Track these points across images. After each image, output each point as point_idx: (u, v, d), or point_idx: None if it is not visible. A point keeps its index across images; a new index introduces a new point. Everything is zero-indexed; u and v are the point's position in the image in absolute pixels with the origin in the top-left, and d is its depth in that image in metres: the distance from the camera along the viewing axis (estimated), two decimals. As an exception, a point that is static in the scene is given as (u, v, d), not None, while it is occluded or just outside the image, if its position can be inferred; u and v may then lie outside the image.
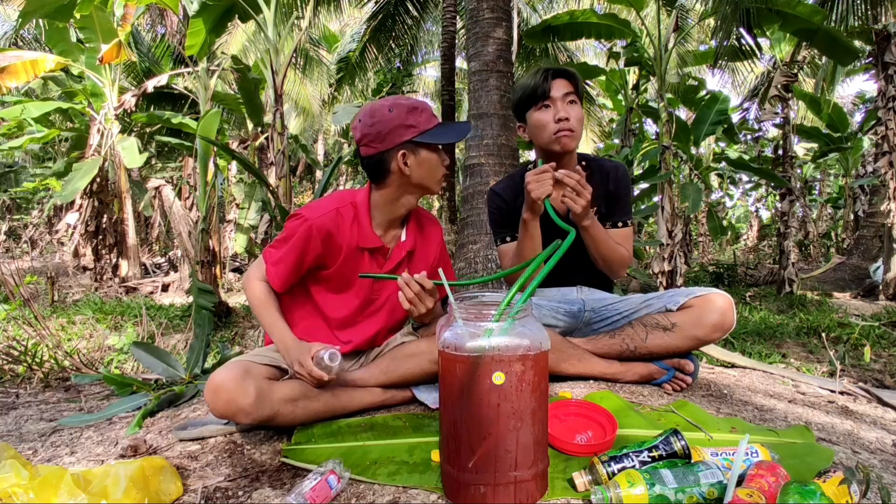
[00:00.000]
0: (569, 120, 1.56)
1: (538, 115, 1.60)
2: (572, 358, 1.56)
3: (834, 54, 5.20)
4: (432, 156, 1.38)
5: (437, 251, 1.57)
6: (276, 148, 5.35)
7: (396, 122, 1.33)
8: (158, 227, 10.32)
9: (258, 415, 1.20)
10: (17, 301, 3.05)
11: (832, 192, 14.78)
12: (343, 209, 1.40)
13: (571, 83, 1.60)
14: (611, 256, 1.60)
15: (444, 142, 1.38)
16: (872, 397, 1.75)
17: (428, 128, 1.35)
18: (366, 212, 1.42)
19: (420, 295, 1.24)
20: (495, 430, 0.90)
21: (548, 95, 1.58)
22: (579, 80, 1.63)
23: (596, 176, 1.70)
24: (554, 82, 1.59)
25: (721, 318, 1.49)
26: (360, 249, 1.41)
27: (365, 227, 1.40)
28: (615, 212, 1.72)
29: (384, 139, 1.33)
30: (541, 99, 1.59)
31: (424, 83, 15.53)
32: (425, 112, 1.35)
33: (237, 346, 4.61)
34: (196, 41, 5.46)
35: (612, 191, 1.70)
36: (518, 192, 1.71)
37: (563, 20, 5.76)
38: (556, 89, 1.59)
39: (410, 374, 1.43)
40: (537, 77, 1.61)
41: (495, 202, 1.77)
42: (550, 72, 1.61)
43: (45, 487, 0.88)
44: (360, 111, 1.39)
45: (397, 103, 1.35)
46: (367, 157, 1.37)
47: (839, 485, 0.87)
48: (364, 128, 1.35)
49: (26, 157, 12.41)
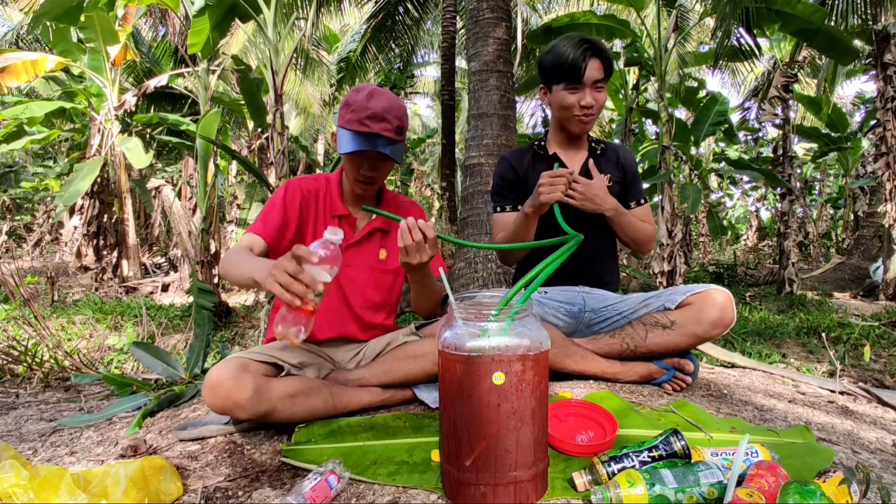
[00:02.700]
0: (593, 107, 1.60)
1: (564, 93, 1.62)
2: (575, 355, 1.57)
3: (833, 54, 5.19)
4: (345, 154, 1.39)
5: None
6: (276, 148, 5.35)
7: (342, 103, 1.39)
8: (158, 227, 10.34)
9: (256, 410, 1.20)
10: (17, 301, 3.05)
11: (832, 192, 14.78)
12: (317, 181, 1.51)
13: (604, 65, 1.58)
14: (638, 236, 1.68)
15: (340, 147, 1.37)
16: (872, 397, 1.75)
17: (345, 126, 1.36)
18: (336, 185, 1.51)
19: (420, 244, 1.24)
20: (495, 430, 0.90)
21: (580, 80, 1.57)
22: (612, 61, 1.61)
23: (609, 158, 1.77)
24: (590, 63, 1.56)
25: (720, 314, 1.49)
26: (332, 218, 1.47)
27: (335, 197, 1.48)
28: (631, 192, 1.79)
29: (339, 115, 1.40)
30: (572, 80, 1.58)
31: (424, 83, 15.54)
32: (355, 112, 1.34)
33: (237, 346, 4.61)
34: (199, 39, 5.46)
35: (626, 167, 1.77)
36: (525, 156, 1.79)
37: (563, 21, 5.77)
38: (589, 73, 1.57)
39: (412, 374, 1.43)
40: (575, 52, 1.56)
41: (503, 168, 1.80)
42: (588, 50, 1.56)
43: (45, 487, 0.88)
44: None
45: (360, 90, 1.38)
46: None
47: (839, 485, 0.87)
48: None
49: (26, 157, 12.41)
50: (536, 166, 1.76)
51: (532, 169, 1.76)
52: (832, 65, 7.75)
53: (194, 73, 6.79)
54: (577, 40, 1.59)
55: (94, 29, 6.11)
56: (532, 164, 1.78)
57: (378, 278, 1.54)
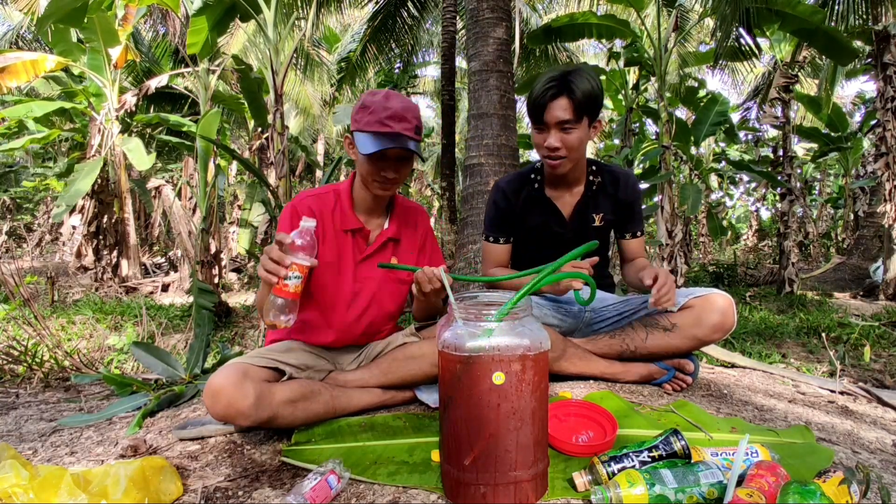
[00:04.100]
0: (558, 149, 1.52)
1: (533, 132, 1.58)
2: (573, 356, 1.56)
3: (833, 54, 5.19)
4: (361, 155, 1.35)
5: (423, 238, 1.58)
6: (276, 148, 5.35)
7: (356, 107, 1.37)
8: (158, 227, 10.34)
9: (258, 417, 1.20)
10: (17, 301, 3.05)
11: (832, 192, 14.78)
12: (326, 195, 1.46)
13: (574, 105, 1.47)
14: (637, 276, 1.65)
15: (362, 149, 1.33)
16: (872, 397, 1.75)
17: (364, 128, 1.34)
18: (347, 196, 1.47)
19: (437, 290, 1.30)
20: (495, 430, 0.90)
21: (541, 121, 1.51)
22: (587, 96, 1.47)
23: (606, 182, 1.69)
24: (552, 105, 1.48)
25: (721, 319, 1.49)
26: (344, 232, 1.45)
27: (346, 209, 1.46)
28: (629, 222, 1.73)
29: (353, 120, 1.38)
30: (536, 121, 1.54)
31: (424, 83, 15.54)
32: (374, 114, 1.32)
33: (237, 346, 4.61)
34: (198, 39, 5.45)
35: (623, 199, 1.69)
36: (522, 191, 1.72)
37: (562, 21, 5.77)
38: (550, 114, 1.48)
39: (412, 375, 1.43)
40: (538, 91, 1.49)
41: (498, 197, 1.74)
42: (553, 88, 1.47)
43: (45, 487, 0.88)
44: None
45: (375, 94, 1.37)
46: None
47: (839, 485, 0.87)
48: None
49: (27, 157, 12.41)
50: (533, 209, 1.70)
51: (528, 210, 1.71)
52: (832, 65, 7.75)
53: (194, 73, 6.79)
54: (548, 77, 1.49)
55: (94, 29, 6.11)
56: (528, 202, 1.71)
57: (394, 289, 1.51)
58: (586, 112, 1.50)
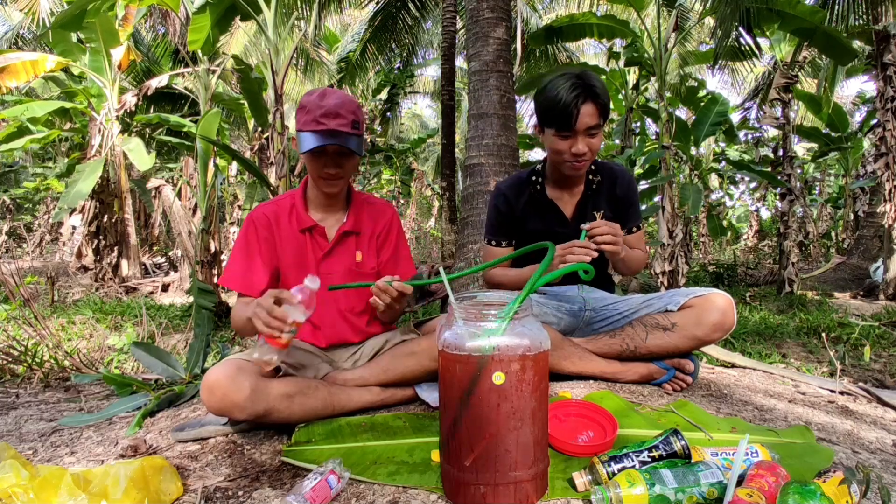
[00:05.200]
0: (586, 154, 1.51)
1: (555, 139, 1.52)
2: (573, 356, 1.56)
3: (832, 54, 5.20)
4: (303, 154, 1.40)
5: (387, 231, 1.58)
6: (276, 148, 5.35)
7: (297, 109, 1.40)
8: (158, 227, 10.34)
9: (253, 410, 1.21)
10: (18, 301, 3.05)
11: (832, 192, 14.77)
12: (282, 200, 1.52)
13: (599, 109, 1.47)
14: (633, 265, 1.66)
15: (301, 148, 1.39)
16: (872, 397, 1.75)
17: (303, 128, 1.38)
18: (301, 198, 1.52)
19: (393, 301, 1.31)
20: (495, 429, 0.90)
21: (571, 128, 1.47)
22: (608, 103, 1.50)
23: (604, 180, 1.71)
24: (582, 109, 1.44)
25: (721, 318, 1.49)
26: (301, 232, 1.48)
27: (300, 210, 1.50)
28: (627, 217, 1.73)
29: (295, 121, 1.41)
30: (562, 127, 1.48)
31: (424, 83, 15.53)
32: (310, 113, 1.36)
33: (237, 346, 4.60)
34: (199, 37, 5.44)
35: (621, 196, 1.70)
36: (523, 194, 1.72)
37: (563, 22, 5.78)
38: (581, 121, 1.45)
39: (410, 371, 1.43)
40: (567, 96, 1.43)
41: (499, 200, 1.74)
42: (581, 95, 1.43)
43: (45, 487, 0.88)
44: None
45: (311, 93, 1.40)
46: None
47: (839, 485, 0.87)
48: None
49: (26, 157, 12.41)
50: (534, 212, 1.70)
51: (529, 212, 1.71)
52: (832, 64, 7.75)
53: (194, 73, 6.79)
54: (571, 82, 1.45)
55: (94, 29, 6.11)
56: (529, 205, 1.71)
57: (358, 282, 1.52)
58: (607, 115, 1.52)
